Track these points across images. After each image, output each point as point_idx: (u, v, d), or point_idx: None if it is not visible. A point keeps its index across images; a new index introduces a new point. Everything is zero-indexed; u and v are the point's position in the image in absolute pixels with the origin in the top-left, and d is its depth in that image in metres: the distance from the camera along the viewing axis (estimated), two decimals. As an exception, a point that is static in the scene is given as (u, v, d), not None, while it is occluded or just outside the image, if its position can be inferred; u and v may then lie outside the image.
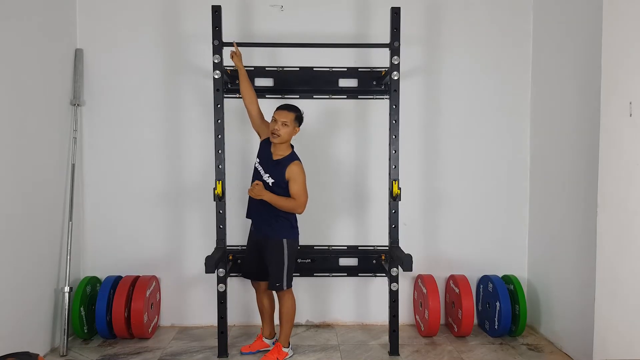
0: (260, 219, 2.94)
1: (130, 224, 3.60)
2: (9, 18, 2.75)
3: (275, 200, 2.81)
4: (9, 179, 2.75)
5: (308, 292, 3.64)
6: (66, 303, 3.15)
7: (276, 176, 2.86)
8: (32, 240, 2.95)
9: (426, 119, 3.66)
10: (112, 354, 3.13)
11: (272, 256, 2.89)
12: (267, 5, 3.58)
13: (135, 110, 3.57)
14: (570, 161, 3.10)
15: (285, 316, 2.96)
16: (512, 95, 3.67)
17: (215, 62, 3.02)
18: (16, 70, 2.82)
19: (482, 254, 3.70)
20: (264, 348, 3.15)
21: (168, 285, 3.65)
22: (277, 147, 2.92)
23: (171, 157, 3.60)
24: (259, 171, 2.93)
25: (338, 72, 3.57)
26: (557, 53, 3.29)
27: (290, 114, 2.88)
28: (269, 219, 2.90)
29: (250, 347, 3.15)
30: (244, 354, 3.13)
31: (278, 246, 2.89)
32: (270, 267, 2.90)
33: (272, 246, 2.90)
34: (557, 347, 3.26)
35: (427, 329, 3.35)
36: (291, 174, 2.84)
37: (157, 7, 3.56)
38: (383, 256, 3.56)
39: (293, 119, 2.88)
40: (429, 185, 3.68)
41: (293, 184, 2.84)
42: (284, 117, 2.85)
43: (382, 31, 3.43)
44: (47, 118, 3.15)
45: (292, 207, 2.85)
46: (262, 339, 3.18)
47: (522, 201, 3.70)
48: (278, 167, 2.87)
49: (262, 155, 2.98)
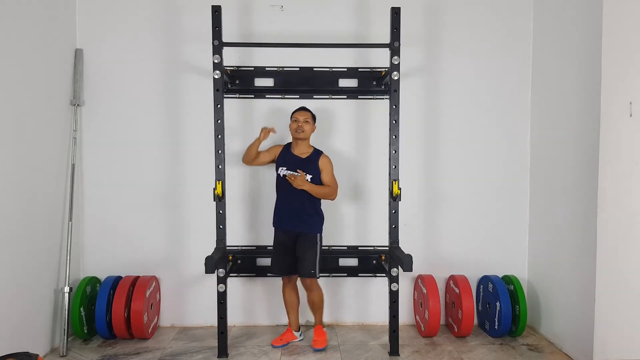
0: (297, 217, 3.17)
1: (130, 224, 3.60)
2: (9, 18, 2.75)
3: (314, 189, 3.11)
4: (9, 179, 2.75)
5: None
6: (66, 303, 3.15)
7: (312, 171, 3.16)
8: (32, 241, 2.95)
9: (426, 119, 3.66)
10: (112, 354, 3.13)
11: (307, 248, 3.16)
12: (267, 5, 3.58)
13: (135, 110, 3.56)
14: (570, 161, 3.10)
15: (318, 302, 3.29)
16: (512, 95, 3.67)
17: (215, 62, 3.01)
18: (16, 70, 2.82)
19: (482, 254, 3.70)
20: (292, 340, 3.32)
21: (168, 286, 3.64)
22: (302, 146, 3.22)
23: (171, 157, 3.60)
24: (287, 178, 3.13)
25: (338, 72, 3.57)
26: (557, 53, 3.29)
27: (308, 113, 3.22)
28: (305, 216, 3.16)
29: (282, 340, 3.29)
30: (277, 347, 3.24)
31: (313, 240, 3.18)
32: (305, 257, 3.15)
33: (308, 240, 3.17)
34: (557, 348, 3.26)
35: (427, 329, 3.35)
36: (323, 165, 3.19)
37: (157, 7, 3.56)
38: (383, 256, 3.56)
39: (311, 117, 3.23)
40: (429, 185, 3.68)
41: (325, 174, 3.19)
42: (305, 116, 3.19)
43: (382, 31, 3.43)
44: (47, 118, 3.15)
45: (329, 193, 3.18)
46: (292, 331, 3.34)
47: (522, 201, 3.70)
48: (311, 164, 3.18)
49: (287, 162, 3.20)
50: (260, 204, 3.62)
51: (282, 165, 3.21)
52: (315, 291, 3.26)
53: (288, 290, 3.30)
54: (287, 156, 3.23)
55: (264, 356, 3.12)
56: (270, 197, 3.61)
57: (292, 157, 3.21)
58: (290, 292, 3.30)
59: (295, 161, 3.18)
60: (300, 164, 3.17)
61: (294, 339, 3.32)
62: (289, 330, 3.34)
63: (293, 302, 3.32)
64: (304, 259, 3.14)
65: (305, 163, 3.18)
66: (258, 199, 3.63)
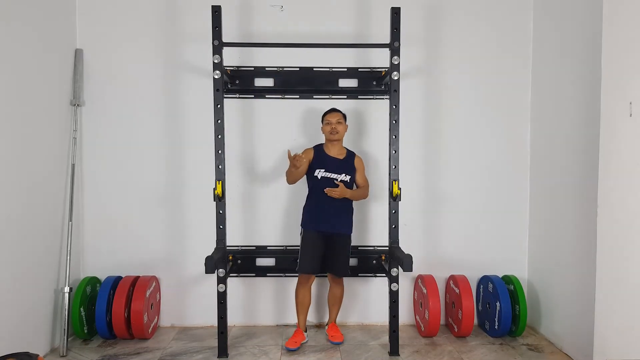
0: (335, 219, 3.20)
1: (130, 224, 3.60)
2: (8, 18, 2.75)
3: (354, 194, 3.20)
4: (9, 179, 2.75)
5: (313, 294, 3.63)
6: (66, 303, 3.15)
7: (350, 172, 3.23)
8: (32, 240, 2.95)
9: (426, 119, 3.66)
10: (112, 355, 3.13)
11: (343, 248, 3.24)
12: (267, 5, 3.58)
13: (135, 110, 3.56)
14: (570, 161, 3.10)
15: (341, 297, 3.39)
16: (512, 95, 3.67)
17: (215, 62, 3.01)
18: (16, 71, 2.82)
19: (482, 254, 3.71)
20: (303, 341, 3.28)
21: (168, 286, 3.65)
22: (337, 147, 3.25)
23: (171, 157, 3.60)
24: (329, 178, 3.18)
25: (338, 72, 3.57)
26: (557, 53, 3.29)
27: (339, 114, 3.23)
28: (343, 217, 3.23)
29: (296, 342, 3.22)
30: (292, 349, 3.18)
31: (348, 239, 3.28)
32: (341, 257, 3.23)
33: (343, 240, 3.25)
34: (557, 348, 3.26)
35: (427, 329, 3.35)
36: (358, 165, 3.28)
37: (157, 7, 3.56)
38: (383, 256, 3.56)
39: (342, 117, 3.25)
40: (429, 185, 3.68)
41: (360, 174, 3.29)
42: (337, 117, 3.21)
43: (382, 31, 3.44)
44: (47, 118, 3.15)
45: (365, 194, 3.29)
46: (302, 332, 3.31)
47: (522, 201, 3.70)
48: (348, 164, 3.24)
49: (325, 163, 3.21)
50: (261, 204, 3.62)
51: (320, 167, 3.20)
52: (341, 286, 3.37)
53: (305, 290, 3.28)
54: (324, 158, 3.23)
55: (264, 356, 3.12)
56: (270, 197, 3.62)
57: (330, 158, 3.22)
58: (306, 292, 3.29)
59: (334, 162, 3.20)
60: (339, 165, 3.21)
61: (304, 340, 3.28)
62: (299, 332, 3.30)
63: (307, 303, 3.31)
64: (339, 259, 3.22)
65: (343, 164, 3.22)
66: (258, 199, 3.62)
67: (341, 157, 3.24)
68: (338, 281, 3.34)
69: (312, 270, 3.22)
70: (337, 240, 3.22)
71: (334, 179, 3.18)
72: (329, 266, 3.25)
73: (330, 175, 3.19)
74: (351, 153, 3.29)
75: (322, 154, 3.24)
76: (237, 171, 3.60)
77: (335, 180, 3.17)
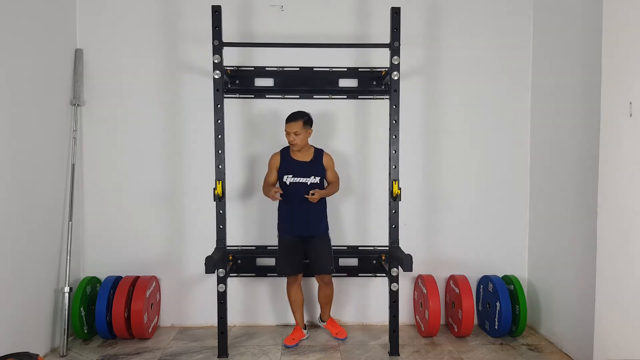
0: (308, 223, 3.21)
1: (130, 224, 3.60)
2: (8, 18, 2.75)
3: (326, 193, 3.19)
4: (9, 179, 2.75)
5: (308, 292, 3.64)
6: (66, 303, 3.15)
7: (319, 172, 3.22)
8: (32, 240, 2.95)
9: (426, 119, 3.66)
10: (112, 354, 3.13)
11: (323, 248, 3.24)
12: (267, 5, 3.58)
13: (135, 110, 3.56)
14: (570, 161, 3.10)
15: (331, 295, 3.39)
16: (512, 95, 3.67)
17: (215, 62, 3.01)
18: (16, 70, 2.82)
19: (482, 254, 3.70)
20: (302, 338, 3.34)
21: (168, 286, 3.65)
22: (302, 151, 3.21)
23: (171, 157, 3.60)
24: (298, 182, 3.17)
25: (338, 72, 3.57)
26: (557, 53, 3.29)
27: (298, 123, 3.11)
28: (316, 220, 3.22)
29: (294, 339, 3.29)
30: (291, 346, 3.24)
31: (327, 239, 3.28)
32: (322, 256, 3.22)
33: (322, 240, 3.25)
34: (557, 348, 3.26)
35: (427, 329, 3.35)
36: (327, 163, 3.26)
37: (157, 7, 3.56)
38: (383, 256, 3.56)
39: (302, 126, 3.12)
40: (429, 185, 3.68)
41: (330, 172, 3.28)
42: (294, 128, 3.11)
43: (382, 31, 3.43)
44: (47, 118, 3.15)
45: (336, 190, 3.30)
46: (300, 329, 3.36)
47: (522, 201, 3.70)
48: (316, 166, 3.21)
49: (292, 167, 3.20)
50: (261, 204, 3.62)
51: (288, 173, 3.19)
52: (331, 285, 3.35)
53: (294, 289, 3.31)
54: (290, 163, 3.21)
55: (264, 356, 3.12)
56: (270, 197, 3.62)
57: (296, 162, 3.20)
58: (297, 291, 3.31)
59: (302, 166, 3.19)
60: (306, 168, 3.19)
61: (303, 337, 3.33)
62: (298, 329, 3.35)
63: (300, 300, 3.34)
64: (321, 258, 3.21)
65: (311, 166, 3.20)
66: (258, 199, 3.62)
67: (308, 159, 3.22)
68: (327, 281, 3.31)
69: (292, 271, 3.25)
70: (315, 241, 3.23)
71: (303, 183, 3.17)
72: (313, 267, 3.26)
73: (299, 180, 3.17)
74: (319, 152, 3.27)
75: (289, 159, 3.22)
76: (237, 171, 3.60)
77: (305, 183, 3.17)
